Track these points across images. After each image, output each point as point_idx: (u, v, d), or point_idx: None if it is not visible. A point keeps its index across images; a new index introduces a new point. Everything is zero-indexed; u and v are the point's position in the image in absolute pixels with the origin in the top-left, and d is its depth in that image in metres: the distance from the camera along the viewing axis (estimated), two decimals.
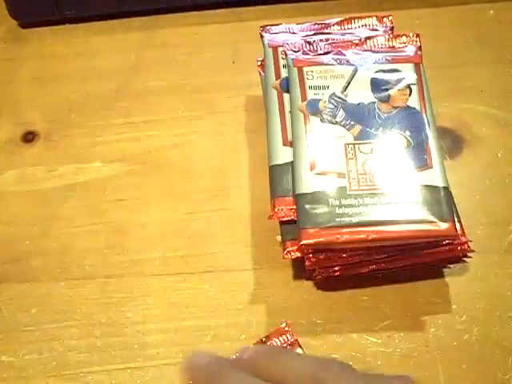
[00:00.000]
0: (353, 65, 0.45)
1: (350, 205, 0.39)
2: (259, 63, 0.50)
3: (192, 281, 0.44)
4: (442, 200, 0.39)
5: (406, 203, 0.39)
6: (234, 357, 0.31)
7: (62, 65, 0.58)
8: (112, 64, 0.58)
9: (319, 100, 0.43)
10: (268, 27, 0.50)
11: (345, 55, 0.46)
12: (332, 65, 0.45)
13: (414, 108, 0.43)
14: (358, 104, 0.43)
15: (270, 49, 0.48)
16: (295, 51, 0.46)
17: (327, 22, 0.49)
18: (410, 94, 0.44)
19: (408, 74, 0.45)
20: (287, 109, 0.45)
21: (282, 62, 0.47)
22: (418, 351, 0.40)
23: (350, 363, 0.29)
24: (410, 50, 0.46)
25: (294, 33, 0.49)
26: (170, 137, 0.52)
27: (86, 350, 0.42)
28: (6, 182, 0.50)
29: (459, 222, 0.41)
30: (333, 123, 0.42)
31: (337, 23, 0.49)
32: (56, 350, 0.42)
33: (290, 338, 0.36)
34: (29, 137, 0.53)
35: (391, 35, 0.47)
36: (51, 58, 0.59)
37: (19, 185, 0.50)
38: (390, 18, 0.49)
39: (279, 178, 0.42)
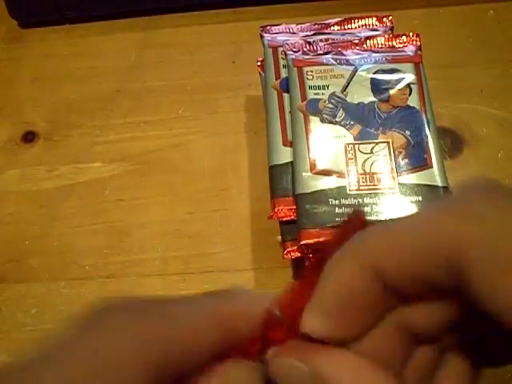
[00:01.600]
0: (352, 65, 0.45)
1: (349, 205, 0.39)
2: (259, 63, 0.50)
3: (192, 281, 0.44)
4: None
5: (406, 203, 0.39)
6: None
7: (62, 65, 0.58)
8: (112, 64, 0.58)
9: (319, 100, 0.43)
10: (268, 27, 0.50)
11: (345, 55, 0.46)
12: (332, 65, 0.45)
13: (413, 107, 0.43)
14: (358, 104, 0.43)
15: (270, 49, 0.48)
16: (295, 51, 0.46)
17: (327, 22, 0.49)
18: (409, 94, 0.44)
19: (408, 73, 0.45)
20: (287, 109, 0.45)
21: (281, 62, 0.47)
22: None
23: None
24: (410, 50, 0.46)
25: (293, 33, 0.49)
26: (170, 137, 0.52)
27: None
28: (6, 182, 0.50)
29: None
30: (333, 123, 0.42)
31: (337, 23, 0.49)
32: None
33: None
34: (29, 137, 0.53)
35: (391, 35, 0.47)
36: (51, 58, 0.59)
37: (19, 185, 0.50)
38: (390, 17, 0.49)
39: (279, 178, 0.42)
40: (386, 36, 0.47)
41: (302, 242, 0.38)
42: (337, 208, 0.39)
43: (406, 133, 0.42)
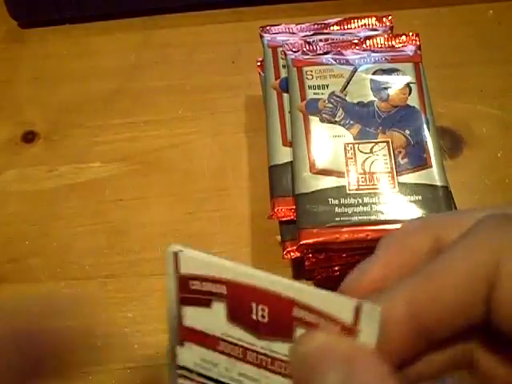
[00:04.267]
0: (352, 65, 0.45)
1: (349, 204, 0.39)
2: (259, 63, 0.50)
3: None
4: (441, 199, 0.39)
5: (405, 202, 0.39)
6: None
7: (62, 65, 0.58)
8: (112, 64, 0.58)
9: (319, 99, 0.43)
10: (268, 27, 0.50)
11: (344, 55, 0.46)
12: (331, 64, 0.45)
13: (413, 107, 0.43)
14: (358, 103, 0.43)
15: (270, 49, 0.48)
16: (295, 51, 0.46)
17: (327, 22, 0.49)
18: (409, 94, 0.44)
19: (408, 73, 0.45)
20: (287, 109, 0.45)
21: (281, 62, 0.47)
22: None
23: None
24: (410, 50, 0.46)
25: (293, 33, 0.49)
26: (169, 137, 0.52)
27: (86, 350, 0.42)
28: (6, 182, 0.50)
29: None
30: (332, 123, 0.42)
31: (336, 23, 0.49)
32: None
33: None
34: (29, 137, 0.53)
35: (391, 35, 0.47)
36: (51, 58, 0.59)
37: (19, 185, 0.50)
38: (390, 17, 0.49)
39: (279, 178, 0.42)
40: (386, 36, 0.47)
41: (302, 242, 0.38)
42: (336, 208, 0.39)
43: (405, 132, 0.42)
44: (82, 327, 0.23)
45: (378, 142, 0.42)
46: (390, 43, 0.47)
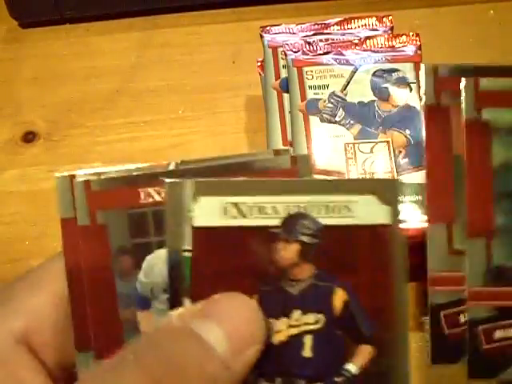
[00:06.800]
0: (352, 65, 0.45)
1: None
2: (259, 63, 0.50)
3: None
4: None
5: (406, 202, 0.39)
6: None
7: (62, 65, 0.58)
8: (112, 64, 0.58)
9: (319, 100, 0.43)
10: (268, 28, 0.50)
11: (344, 55, 0.46)
12: (332, 64, 0.45)
13: (413, 107, 0.43)
14: (358, 103, 0.43)
15: (270, 49, 0.48)
16: (295, 51, 0.46)
17: (327, 22, 0.49)
18: (409, 93, 0.44)
19: (408, 73, 0.45)
20: (287, 109, 0.45)
21: (281, 63, 0.47)
22: (420, 351, 0.40)
23: None
24: (410, 50, 0.46)
25: (293, 33, 0.49)
26: (169, 137, 0.52)
27: None
28: (6, 182, 0.50)
29: None
30: (332, 122, 0.42)
31: (336, 23, 0.49)
32: None
33: None
34: (29, 137, 0.53)
35: (391, 35, 0.47)
36: (51, 58, 0.59)
37: (19, 185, 0.50)
38: (390, 17, 0.49)
39: None
40: (386, 36, 0.47)
41: None
42: None
43: (406, 132, 0.42)
44: None
45: (379, 142, 0.42)
46: (390, 43, 0.47)
